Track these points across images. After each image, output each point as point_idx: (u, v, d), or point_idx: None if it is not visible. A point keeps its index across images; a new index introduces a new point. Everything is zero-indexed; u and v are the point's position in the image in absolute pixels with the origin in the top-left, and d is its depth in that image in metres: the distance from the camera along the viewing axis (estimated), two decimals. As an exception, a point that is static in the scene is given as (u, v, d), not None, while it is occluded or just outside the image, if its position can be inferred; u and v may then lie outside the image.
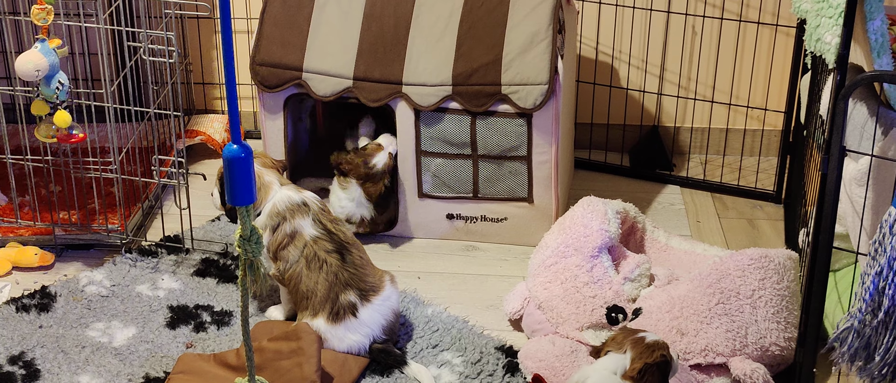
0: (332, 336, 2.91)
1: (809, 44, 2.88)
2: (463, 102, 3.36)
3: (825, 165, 2.59)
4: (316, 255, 2.94)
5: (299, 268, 2.95)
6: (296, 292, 2.98)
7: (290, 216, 2.97)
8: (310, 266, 2.94)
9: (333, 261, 2.94)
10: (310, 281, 2.94)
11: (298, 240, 2.96)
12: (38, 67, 3.09)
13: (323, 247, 2.95)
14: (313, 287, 2.94)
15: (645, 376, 2.61)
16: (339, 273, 2.93)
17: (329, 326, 2.91)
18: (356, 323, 2.92)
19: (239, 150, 2.20)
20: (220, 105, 4.32)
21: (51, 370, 2.92)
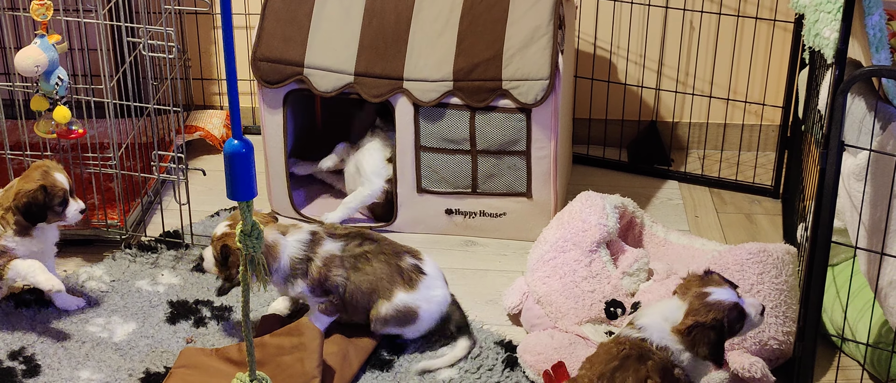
0: (420, 300, 2.97)
1: (808, 39, 2.88)
2: (464, 98, 3.36)
3: (823, 160, 2.59)
4: (355, 257, 2.98)
5: (352, 279, 2.97)
6: (362, 300, 2.98)
7: (311, 253, 2.97)
8: (358, 268, 2.98)
9: (370, 248, 3.01)
10: (368, 276, 2.97)
11: (333, 263, 2.97)
12: (37, 63, 3.09)
13: (354, 247, 3.00)
14: (375, 277, 2.98)
15: (693, 334, 2.56)
16: (382, 251, 3.01)
17: (410, 294, 2.96)
18: (428, 278, 3.00)
19: (240, 146, 2.21)
20: (218, 101, 4.32)
21: (51, 365, 2.93)
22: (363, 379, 2.90)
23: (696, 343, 2.56)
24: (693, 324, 2.55)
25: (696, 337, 2.55)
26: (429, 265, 3.04)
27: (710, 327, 2.55)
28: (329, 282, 2.96)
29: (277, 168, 3.61)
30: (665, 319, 2.60)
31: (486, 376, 2.91)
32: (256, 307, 3.18)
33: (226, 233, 2.90)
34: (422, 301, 2.98)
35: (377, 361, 2.96)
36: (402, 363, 2.96)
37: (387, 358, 2.97)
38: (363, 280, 2.97)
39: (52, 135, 3.24)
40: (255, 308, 3.17)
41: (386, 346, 3.01)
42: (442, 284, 3.04)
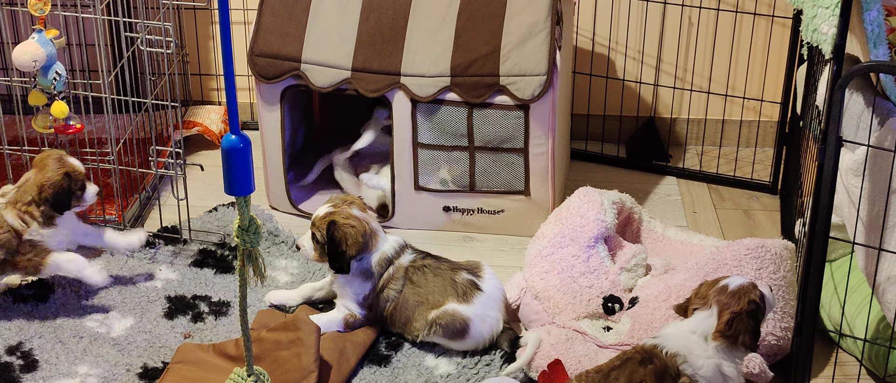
0: (473, 314, 2.93)
1: (806, 34, 2.88)
2: (461, 93, 3.36)
3: (821, 155, 2.59)
4: (416, 269, 3.01)
5: (404, 292, 2.99)
6: (404, 312, 2.99)
7: (395, 258, 3.02)
8: (413, 282, 2.99)
9: (431, 263, 3.03)
10: (419, 289, 2.99)
11: (396, 276, 3.00)
12: (35, 58, 3.09)
13: (419, 261, 3.04)
14: (426, 290, 2.98)
15: (734, 326, 2.56)
16: (440, 266, 3.01)
17: (462, 305, 2.94)
18: (485, 296, 2.97)
19: (238, 141, 2.21)
20: (216, 96, 4.32)
21: (49, 360, 2.93)
22: (361, 374, 2.90)
23: (738, 333, 2.55)
24: (731, 317, 2.55)
25: (736, 328, 2.55)
26: (488, 283, 3.00)
27: (748, 313, 2.56)
28: (383, 294, 2.99)
29: (275, 163, 3.61)
30: (693, 331, 2.59)
31: (484, 371, 2.92)
32: (254, 302, 3.18)
33: (330, 212, 2.97)
34: (475, 316, 2.95)
35: (375, 356, 2.96)
36: (400, 358, 2.96)
37: (384, 354, 2.97)
38: (413, 293, 2.98)
39: (50, 130, 3.24)
40: (253, 303, 3.17)
41: (383, 342, 3.01)
42: (498, 306, 2.99)
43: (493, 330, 2.96)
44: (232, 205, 3.66)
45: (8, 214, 3.02)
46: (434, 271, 3.00)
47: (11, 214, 3.02)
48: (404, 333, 3.01)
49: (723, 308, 2.58)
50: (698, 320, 2.60)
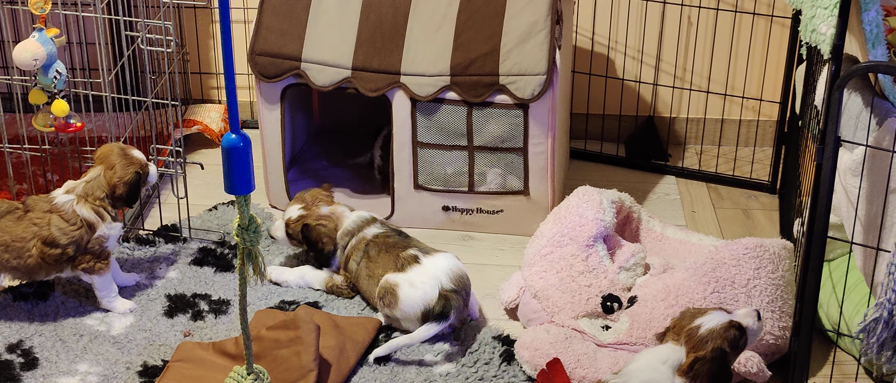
0: (403, 281, 3.00)
1: (805, 34, 2.89)
2: (460, 92, 3.36)
3: (820, 155, 2.60)
4: (378, 245, 3.12)
5: (362, 265, 3.14)
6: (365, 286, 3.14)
7: (357, 231, 3.19)
8: (370, 257, 3.11)
9: (393, 240, 3.13)
10: (373, 264, 3.11)
11: (359, 247, 3.16)
12: (35, 56, 3.10)
13: (384, 238, 3.14)
14: (374, 265, 3.11)
15: (695, 368, 2.53)
16: (398, 243, 3.12)
17: (397, 275, 3.02)
18: (420, 268, 3.02)
19: (238, 140, 2.22)
20: (216, 95, 4.32)
21: (49, 358, 2.93)
22: (360, 372, 2.91)
23: (699, 377, 2.53)
24: (693, 361, 2.52)
25: (697, 371, 2.52)
26: (434, 261, 3.03)
27: (712, 359, 2.52)
28: (349, 265, 3.17)
29: (275, 162, 3.61)
30: (663, 362, 2.57)
31: (483, 370, 2.92)
32: (254, 301, 3.18)
33: (302, 215, 3.21)
34: (404, 281, 3.00)
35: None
36: (399, 357, 2.96)
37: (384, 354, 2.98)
38: (365, 267, 3.13)
39: (51, 128, 3.25)
40: (253, 301, 3.18)
41: (383, 340, 3.02)
42: (434, 279, 2.98)
43: (426, 297, 2.96)
44: (232, 204, 3.67)
45: (82, 209, 3.03)
46: (389, 248, 3.10)
47: (86, 208, 3.04)
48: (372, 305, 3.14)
49: (690, 349, 2.55)
50: (669, 351, 2.58)
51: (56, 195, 3.06)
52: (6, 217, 3.00)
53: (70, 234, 3.01)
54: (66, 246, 3.01)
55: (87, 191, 3.05)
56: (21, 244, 2.99)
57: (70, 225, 3.01)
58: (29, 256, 2.99)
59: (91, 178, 3.07)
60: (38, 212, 3.02)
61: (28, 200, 3.06)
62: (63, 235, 3.00)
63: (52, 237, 2.99)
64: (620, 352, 2.89)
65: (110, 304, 3.12)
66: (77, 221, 3.02)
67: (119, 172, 3.07)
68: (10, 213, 3.02)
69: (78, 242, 3.03)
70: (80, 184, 3.07)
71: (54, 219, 3.01)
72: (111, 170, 3.07)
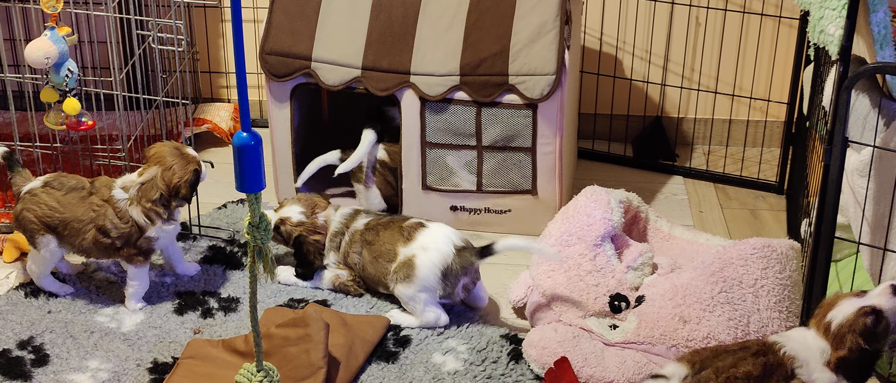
0: (416, 249, 3.05)
1: (813, 35, 2.90)
2: (470, 92, 3.38)
3: (828, 156, 2.61)
4: (371, 229, 3.18)
5: (364, 254, 3.17)
6: (373, 270, 3.16)
7: (346, 228, 3.23)
8: (369, 242, 3.16)
9: (390, 218, 3.20)
10: (375, 246, 3.14)
11: (355, 239, 3.20)
12: (47, 55, 3.12)
13: (376, 222, 3.19)
14: (378, 246, 3.14)
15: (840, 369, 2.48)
16: (395, 218, 3.18)
17: (407, 246, 3.07)
18: (428, 231, 3.08)
19: (249, 138, 2.23)
20: (226, 94, 4.34)
21: (60, 355, 2.95)
22: (369, 370, 2.92)
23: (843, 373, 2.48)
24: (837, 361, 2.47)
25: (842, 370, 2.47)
26: (437, 224, 3.12)
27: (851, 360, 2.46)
28: (350, 259, 3.19)
29: (284, 160, 3.63)
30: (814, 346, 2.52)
31: (490, 369, 2.93)
32: (263, 298, 3.20)
33: (301, 222, 3.22)
34: (416, 249, 3.05)
35: (383, 353, 2.98)
36: (408, 355, 2.98)
37: (392, 350, 2.99)
38: (370, 251, 3.16)
39: (62, 126, 3.27)
40: (262, 299, 3.19)
41: (392, 338, 3.03)
42: (443, 240, 3.05)
43: (444, 255, 3.03)
44: (242, 202, 3.68)
45: (134, 211, 3.07)
46: (386, 227, 3.15)
47: (137, 211, 3.07)
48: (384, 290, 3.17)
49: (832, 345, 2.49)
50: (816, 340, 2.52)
51: (115, 187, 3.09)
52: (71, 193, 3.06)
53: (120, 230, 3.07)
54: (115, 238, 3.07)
55: (141, 194, 3.07)
56: (79, 225, 3.06)
57: (122, 222, 3.06)
58: (83, 238, 3.06)
59: (147, 180, 3.08)
60: (99, 198, 3.06)
61: (96, 182, 3.10)
62: (114, 228, 3.06)
63: (105, 228, 3.05)
64: (628, 351, 2.90)
65: (133, 296, 3.14)
66: (129, 220, 3.06)
67: (179, 172, 3.09)
68: (75, 191, 3.07)
69: (126, 238, 3.08)
70: (135, 185, 3.08)
71: (109, 212, 3.06)
72: (169, 170, 3.09)
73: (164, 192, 3.09)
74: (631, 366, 2.85)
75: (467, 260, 3.04)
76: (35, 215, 3.04)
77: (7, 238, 3.40)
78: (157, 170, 3.09)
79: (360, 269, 3.20)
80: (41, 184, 3.07)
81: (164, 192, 3.09)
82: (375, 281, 3.17)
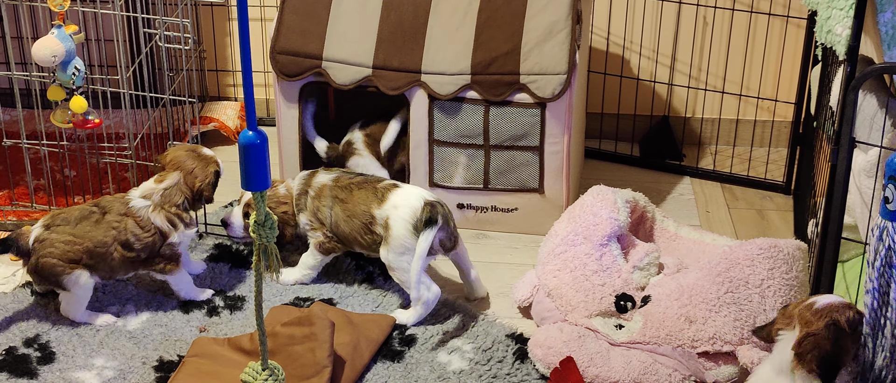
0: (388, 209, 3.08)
1: (820, 35, 2.89)
2: (481, 91, 3.37)
3: (835, 156, 2.61)
4: (342, 188, 3.20)
5: (335, 210, 3.20)
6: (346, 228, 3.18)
7: (307, 186, 3.25)
8: (341, 200, 3.18)
9: (364, 178, 3.23)
10: (347, 205, 3.17)
11: (323, 194, 3.22)
12: (54, 53, 3.12)
13: (345, 180, 3.22)
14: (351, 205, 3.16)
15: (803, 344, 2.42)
16: (369, 179, 3.22)
17: (380, 208, 3.10)
18: (400, 191, 3.12)
19: (254, 137, 2.23)
20: (233, 92, 4.34)
21: (65, 352, 2.95)
22: (374, 369, 2.92)
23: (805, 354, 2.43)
24: (804, 336, 2.43)
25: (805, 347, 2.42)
26: (409, 186, 3.17)
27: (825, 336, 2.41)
28: (320, 213, 3.20)
29: (292, 160, 3.63)
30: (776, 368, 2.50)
31: (496, 368, 2.93)
32: (269, 297, 3.20)
33: (246, 204, 3.28)
34: (388, 209, 3.09)
35: (388, 352, 2.98)
36: (413, 354, 2.98)
37: (398, 350, 2.99)
38: (342, 210, 3.18)
39: (69, 124, 3.27)
40: (268, 298, 3.19)
41: (397, 338, 3.03)
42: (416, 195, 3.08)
43: (413, 209, 3.05)
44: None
45: (157, 217, 3.05)
46: (359, 186, 3.18)
47: (161, 217, 3.06)
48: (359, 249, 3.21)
49: (803, 325, 2.44)
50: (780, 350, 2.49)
51: (132, 197, 3.07)
52: (82, 223, 3.01)
53: (143, 240, 3.04)
54: (140, 250, 3.05)
55: (164, 199, 3.07)
56: (104, 249, 3.01)
57: (144, 231, 3.04)
58: (112, 259, 3.03)
59: (169, 185, 3.08)
60: (115, 214, 3.03)
61: (102, 202, 3.07)
62: (137, 241, 3.04)
63: (127, 241, 3.03)
64: (634, 351, 2.90)
65: (188, 296, 3.16)
66: (151, 229, 3.05)
67: (200, 175, 3.10)
68: (85, 219, 3.02)
69: (150, 248, 3.06)
70: (157, 191, 3.07)
71: (130, 224, 3.03)
72: (191, 174, 3.10)
73: (188, 197, 3.09)
74: (636, 366, 2.85)
75: (436, 212, 3.03)
76: (54, 257, 2.97)
77: (14, 235, 3.41)
78: (179, 175, 3.09)
79: (333, 226, 3.20)
80: (43, 229, 2.99)
81: (188, 197, 3.09)
82: (350, 239, 3.19)
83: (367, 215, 3.12)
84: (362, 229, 3.14)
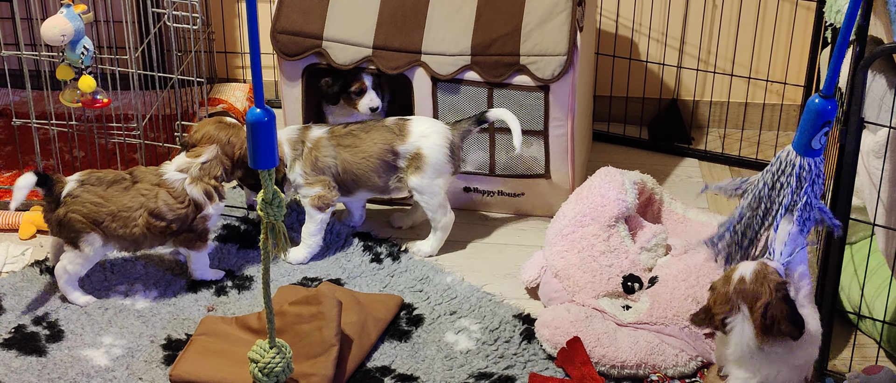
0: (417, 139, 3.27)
1: (829, 16, 2.88)
2: (481, 72, 3.37)
3: (843, 137, 2.60)
4: (341, 137, 3.30)
5: (341, 156, 3.28)
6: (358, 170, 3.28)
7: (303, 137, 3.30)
8: (345, 146, 3.29)
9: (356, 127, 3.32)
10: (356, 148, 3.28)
11: (321, 144, 3.28)
12: (63, 32, 3.12)
13: (339, 129, 3.32)
14: (364, 146, 3.28)
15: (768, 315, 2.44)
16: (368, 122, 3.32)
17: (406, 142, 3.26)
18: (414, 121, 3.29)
19: (262, 114, 2.23)
20: (241, 74, 4.35)
21: (74, 331, 2.97)
22: (381, 348, 2.93)
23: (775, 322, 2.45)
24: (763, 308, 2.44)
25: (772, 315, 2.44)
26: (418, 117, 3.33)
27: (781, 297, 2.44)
28: (320, 163, 3.26)
29: (298, 140, 3.63)
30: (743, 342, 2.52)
31: (503, 348, 2.94)
32: (277, 277, 3.21)
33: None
34: (419, 139, 3.26)
35: (396, 332, 2.99)
36: (420, 334, 2.99)
37: (405, 329, 3.00)
38: (352, 154, 3.28)
39: (78, 104, 3.28)
40: (276, 277, 3.20)
41: (404, 318, 3.04)
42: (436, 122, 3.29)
43: (446, 134, 3.28)
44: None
45: (194, 189, 3.07)
46: (365, 130, 3.30)
47: (198, 189, 3.07)
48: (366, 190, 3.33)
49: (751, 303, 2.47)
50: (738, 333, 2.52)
51: (166, 170, 3.08)
52: (112, 186, 3.03)
53: (177, 211, 3.05)
54: (171, 221, 3.05)
55: (203, 172, 3.08)
56: (127, 213, 3.02)
57: (178, 202, 3.05)
58: (135, 226, 3.03)
59: (208, 159, 3.09)
60: (147, 183, 3.05)
61: (135, 171, 3.08)
62: (169, 211, 3.04)
63: (158, 210, 3.03)
64: (640, 332, 2.90)
65: (202, 276, 3.18)
66: (185, 200, 3.06)
67: (237, 142, 3.13)
68: (116, 183, 3.04)
69: (183, 220, 3.06)
70: (195, 165, 3.08)
71: (162, 194, 3.04)
72: (228, 144, 3.12)
73: (228, 166, 3.12)
74: (643, 347, 2.85)
75: (465, 128, 3.30)
76: (81, 214, 2.98)
77: (24, 215, 3.42)
78: (216, 148, 3.10)
79: (340, 171, 3.28)
80: (78, 184, 3.00)
81: (228, 166, 3.12)
82: (360, 181, 3.30)
83: (388, 152, 3.26)
84: (381, 167, 3.27)
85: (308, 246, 3.29)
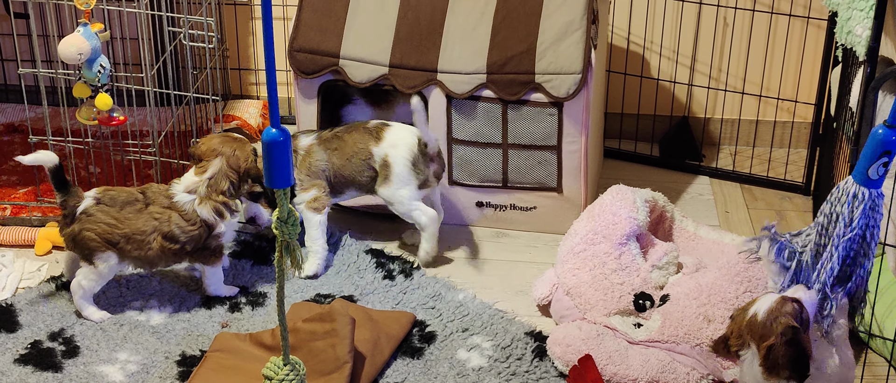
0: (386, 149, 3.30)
1: (840, 36, 2.89)
2: (496, 90, 3.39)
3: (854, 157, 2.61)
4: (328, 141, 3.36)
5: (331, 160, 3.34)
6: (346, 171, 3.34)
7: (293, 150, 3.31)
8: (334, 149, 3.34)
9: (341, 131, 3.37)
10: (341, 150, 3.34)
11: (312, 150, 3.35)
12: (80, 51, 3.15)
13: (326, 134, 3.37)
14: (349, 149, 3.34)
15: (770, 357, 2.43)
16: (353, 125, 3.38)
17: (378, 147, 3.31)
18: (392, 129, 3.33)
19: (278, 134, 2.25)
20: (255, 90, 4.38)
21: (90, 346, 2.99)
22: (394, 365, 2.94)
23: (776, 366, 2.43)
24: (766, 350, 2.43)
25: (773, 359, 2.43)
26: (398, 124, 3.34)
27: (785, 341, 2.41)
28: (314, 168, 3.34)
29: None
30: None
31: (515, 366, 2.95)
32: (290, 293, 3.23)
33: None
34: (386, 148, 3.29)
35: (408, 349, 3.00)
36: (433, 351, 3.00)
37: (418, 346, 3.01)
38: (339, 156, 3.34)
39: (94, 121, 3.30)
40: (290, 294, 3.22)
41: (417, 334, 3.06)
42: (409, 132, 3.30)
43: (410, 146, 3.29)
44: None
45: (203, 209, 3.08)
46: (348, 131, 3.36)
47: (207, 209, 3.08)
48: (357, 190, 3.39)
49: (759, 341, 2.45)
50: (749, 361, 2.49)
51: (176, 191, 3.08)
52: (126, 208, 3.03)
53: (189, 233, 3.07)
54: (185, 243, 3.07)
55: (210, 189, 3.09)
56: (142, 237, 3.03)
57: (189, 224, 3.07)
58: (149, 249, 3.05)
59: (213, 173, 3.10)
60: (158, 206, 3.06)
61: (148, 192, 3.08)
62: (182, 233, 3.06)
63: (172, 234, 3.05)
64: (652, 350, 2.91)
65: (216, 291, 3.20)
66: (197, 221, 3.07)
67: (242, 155, 3.14)
68: (129, 205, 3.04)
69: (196, 240, 3.08)
70: (202, 182, 3.09)
71: (174, 217, 3.05)
72: (233, 157, 3.13)
73: (235, 180, 3.12)
74: (655, 365, 2.86)
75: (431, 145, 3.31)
76: (95, 233, 3.00)
77: (40, 231, 3.45)
78: (221, 161, 3.12)
79: (331, 174, 3.35)
80: (93, 202, 3.02)
81: (235, 180, 3.12)
82: (350, 181, 3.36)
83: (366, 152, 3.31)
84: (362, 167, 3.33)
85: (316, 253, 3.31)
